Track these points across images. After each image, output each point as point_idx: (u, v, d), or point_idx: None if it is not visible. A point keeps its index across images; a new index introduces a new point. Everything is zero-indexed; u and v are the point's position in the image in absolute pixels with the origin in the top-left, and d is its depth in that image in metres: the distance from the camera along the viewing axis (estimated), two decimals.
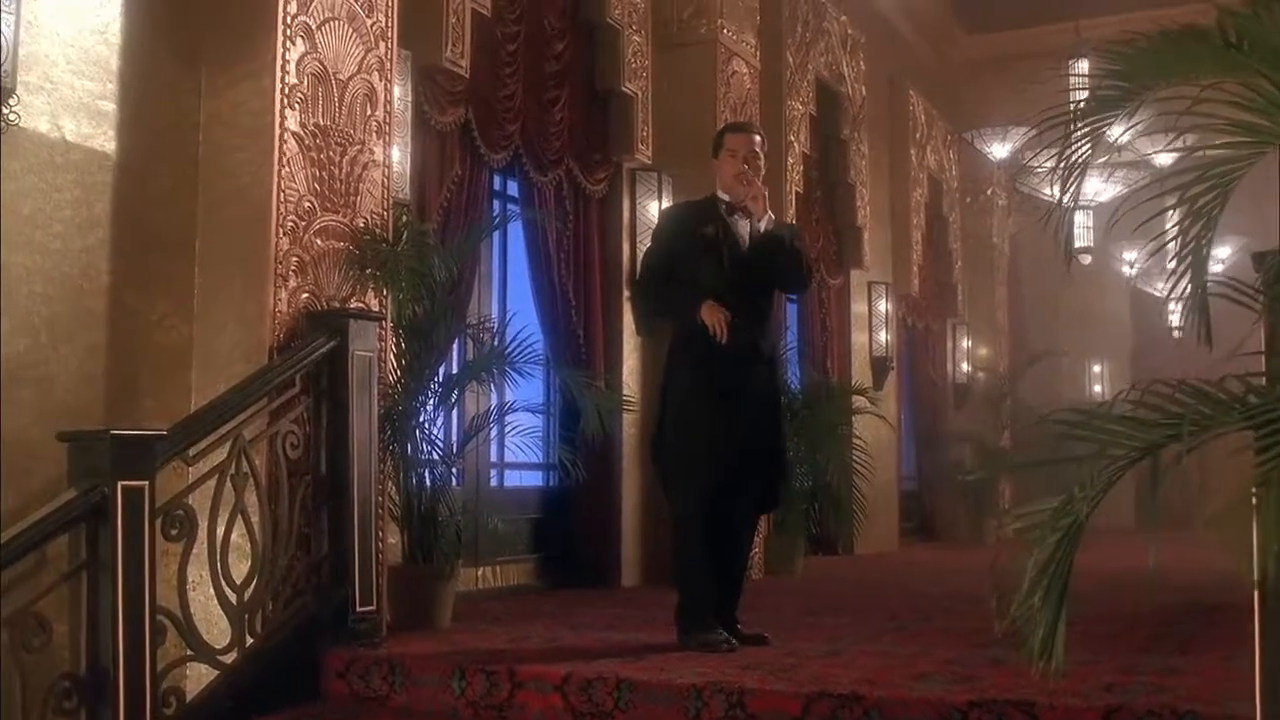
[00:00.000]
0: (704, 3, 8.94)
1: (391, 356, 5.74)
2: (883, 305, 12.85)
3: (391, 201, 5.68)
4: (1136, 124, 3.92)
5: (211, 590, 4.55)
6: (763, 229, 5.20)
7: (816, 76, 11.15)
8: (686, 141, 8.27)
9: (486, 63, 7.12)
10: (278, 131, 5.05)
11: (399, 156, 6.08)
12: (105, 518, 4.02)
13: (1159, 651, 5.02)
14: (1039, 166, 12.49)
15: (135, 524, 4.07)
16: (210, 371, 5.04)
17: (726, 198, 5.26)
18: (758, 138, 5.36)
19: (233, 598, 4.58)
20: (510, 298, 7.66)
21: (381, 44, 5.61)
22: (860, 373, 12.19)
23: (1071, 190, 3.62)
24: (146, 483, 4.13)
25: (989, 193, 16.07)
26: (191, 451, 4.48)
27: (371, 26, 5.56)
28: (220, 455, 4.61)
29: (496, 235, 7.55)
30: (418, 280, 5.60)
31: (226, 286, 5.09)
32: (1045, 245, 16.73)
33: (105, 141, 4.84)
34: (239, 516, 4.63)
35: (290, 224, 5.10)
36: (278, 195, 5.04)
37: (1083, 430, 2.98)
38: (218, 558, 4.53)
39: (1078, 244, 12.08)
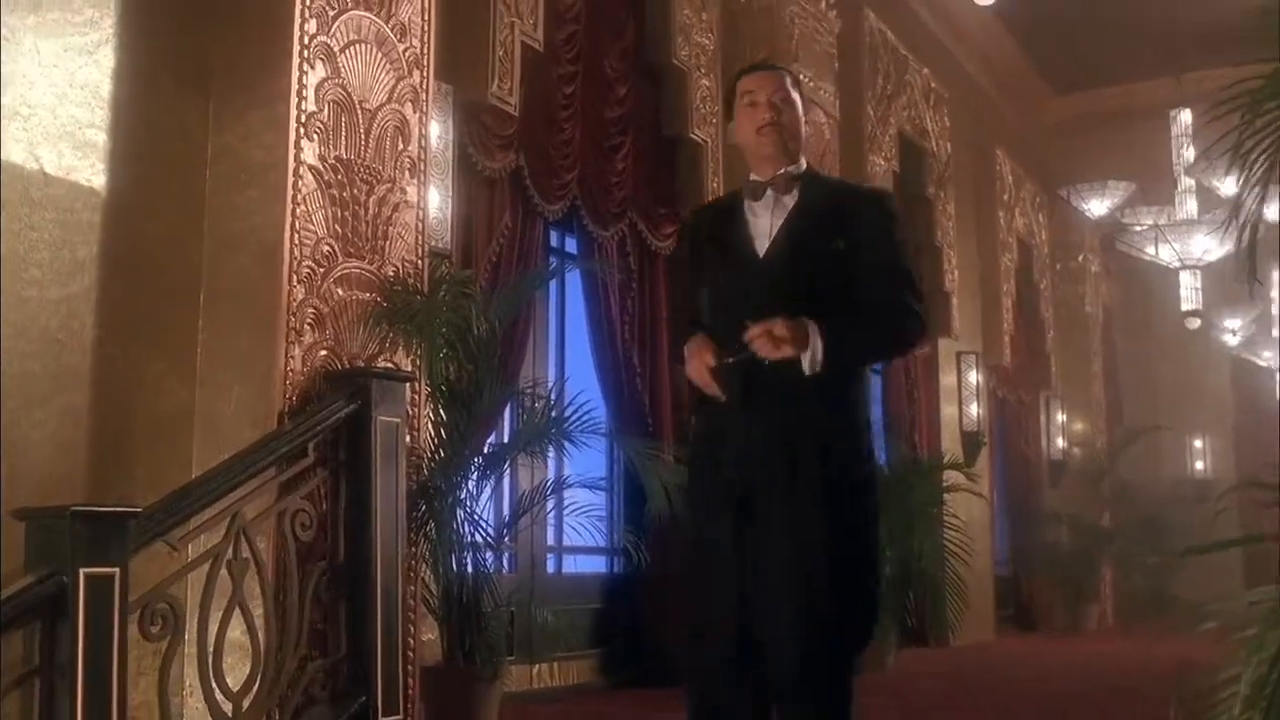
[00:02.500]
0: (778, 45, 8.28)
1: (429, 424, 5.05)
2: (973, 376, 12.02)
3: (427, 249, 5.02)
4: None
5: (203, 697, 3.84)
6: (805, 368, 3.04)
7: (899, 131, 10.45)
8: None
9: (541, 105, 6.48)
10: (292, 164, 4.41)
11: (438, 201, 5.43)
12: (65, 611, 3.33)
13: None
14: (1139, 225, 11.69)
15: (101, 619, 3.37)
16: (213, 440, 4.36)
17: (755, 176, 3.35)
18: (789, 78, 3.38)
19: (228, 707, 3.85)
20: (569, 362, 6.95)
21: (415, 72, 4.98)
22: (950, 448, 11.33)
23: (1256, 189, 2.84)
24: (117, 570, 3.43)
25: (1081, 259, 15.22)
26: (178, 533, 3.78)
27: (404, 53, 4.93)
28: (215, 537, 3.91)
29: (553, 293, 6.87)
30: (457, 337, 4.91)
31: (233, 342, 4.43)
32: (1140, 314, 16.13)
33: (93, 175, 4.21)
34: (237, 609, 3.92)
35: (306, 270, 4.43)
36: (291, 237, 4.39)
37: None
38: (209, 659, 3.81)
39: (1185, 306, 11.20)
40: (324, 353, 4.47)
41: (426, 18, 5.06)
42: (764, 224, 3.27)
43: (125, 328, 4.28)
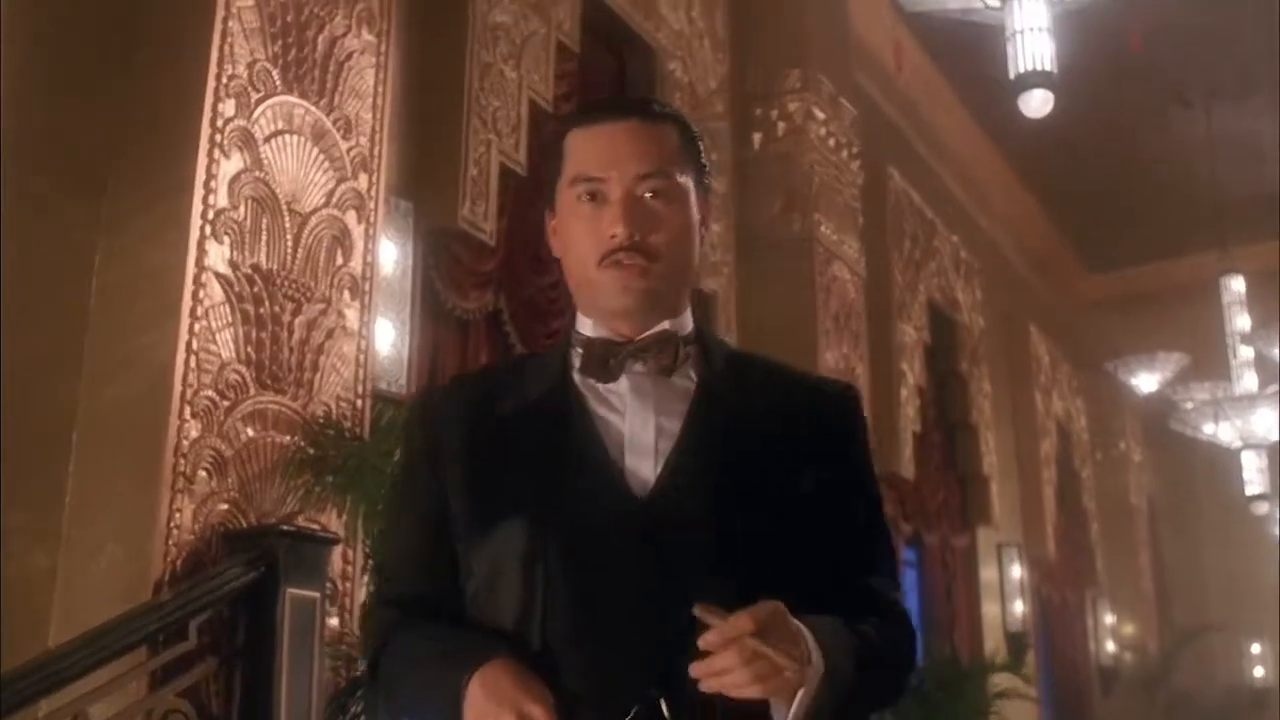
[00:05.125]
0: (795, 195, 7.48)
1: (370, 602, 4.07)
2: (1015, 570, 10.95)
3: (370, 388, 4.11)
4: None
5: None
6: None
7: (929, 300, 9.62)
8: (782, 352, 6.66)
9: (524, 242, 5.60)
10: (192, 269, 3.54)
11: (393, 337, 4.56)
12: None
13: None
14: (1191, 401, 10.76)
15: None
16: (77, 615, 3.37)
17: (589, 329, 1.72)
18: (676, 133, 1.72)
19: None
20: None
21: (362, 175, 4.15)
22: (994, 651, 10.19)
23: None
24: None
25: (1123, 446, 14.25)
26: None
27: (349, 152, 4.11)
28: None
29: None
30: None
31: (109, 490, 3.49)
32: (1188, 503, 15.05)
33: None
34: None
35: (205, 403, 3.51)
36: (187, 359, 3.49)
37: None
38: None
39: (1250, 491, 10.19)
40: (224, 506, 3.52)
41: (378, 115, 4.26)
42: (639, 429, 1.63)
43: None
